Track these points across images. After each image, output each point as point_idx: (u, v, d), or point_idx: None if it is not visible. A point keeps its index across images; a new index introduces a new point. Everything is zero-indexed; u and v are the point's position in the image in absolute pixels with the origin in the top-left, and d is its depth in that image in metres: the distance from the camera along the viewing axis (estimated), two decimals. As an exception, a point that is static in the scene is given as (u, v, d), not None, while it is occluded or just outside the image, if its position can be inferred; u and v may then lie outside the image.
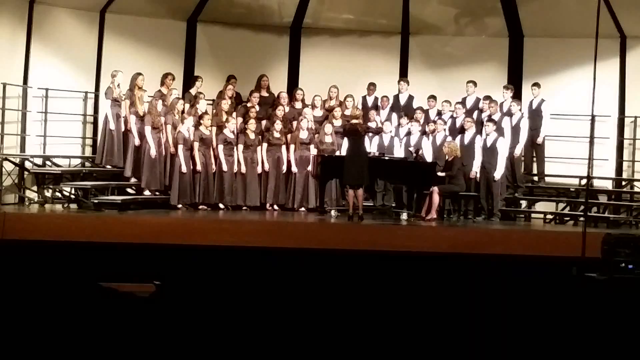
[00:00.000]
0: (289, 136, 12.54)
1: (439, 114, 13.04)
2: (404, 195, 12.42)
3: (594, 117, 11.35)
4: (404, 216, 11.72)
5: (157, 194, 11.87)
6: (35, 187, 11.85)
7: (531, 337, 4.26)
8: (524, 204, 13.05)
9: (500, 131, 12.40)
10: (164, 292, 4.78)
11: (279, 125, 12.42)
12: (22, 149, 12.05)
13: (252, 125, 12.33)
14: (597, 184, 13.23)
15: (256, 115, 12.51)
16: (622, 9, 12.81)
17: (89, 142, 12.86)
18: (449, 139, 12.34)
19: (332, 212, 11.87)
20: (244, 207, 12.17)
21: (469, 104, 13.07)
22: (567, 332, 4.37)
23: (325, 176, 11.96)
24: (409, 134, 12.67)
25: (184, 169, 11.71)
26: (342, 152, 12.05)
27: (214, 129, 12.19)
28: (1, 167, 11.42)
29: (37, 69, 12.19)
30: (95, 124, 12.83)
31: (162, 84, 12.34)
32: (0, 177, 11.37)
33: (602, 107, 12.68)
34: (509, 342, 4.21)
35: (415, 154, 12.34)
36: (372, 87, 13.34)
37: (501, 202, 12.38)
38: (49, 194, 11.72)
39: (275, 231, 10.65)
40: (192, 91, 12.72)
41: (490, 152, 12.16)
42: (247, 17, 13.90)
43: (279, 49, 14.08)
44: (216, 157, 12.13)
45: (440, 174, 11.90)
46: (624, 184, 13.31)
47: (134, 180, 11.90)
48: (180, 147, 11.75)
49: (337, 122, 12.63)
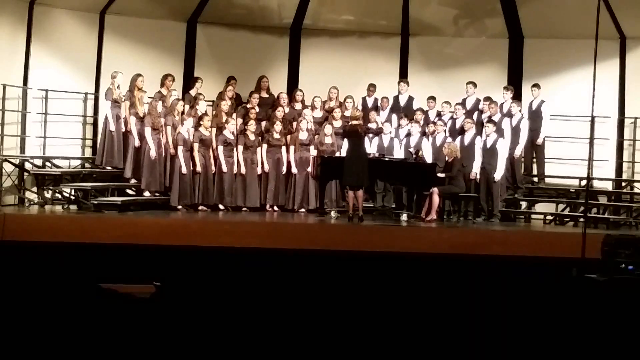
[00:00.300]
0: (289, 137, 12.54)
1: (439, 115, 13.04)
2: (404, 196, 12.42)
3: (593, 118, 11.34)
4: (404, 217, 11.72)
5: (157, 195, 11.87)
6: (35, 188, 11.85)
7: (531, 339, 4.26)
8: (524, 205, 13.06)
9: (500, 132, 12.40)
10: (164, 293, 4.78)
11: (278, 126, 12.42)
12: (22, 150, 12.05)
13: (252, 126, 12.33)
14: (597, 185, 13.23)
15: (256, 116, 12.51)
16: (622, 10, 12.82)
17: (89, 143, 12.87)
18: (449, 140, 12.34)
19: (332, 213, 11.87)
20: (244, 208, 12.17)
21: (469, 105, 13.07)
22: (567, 333, 4.36)
23: (325, 177, 11.96)
24: (408, 135, 12.67)
25: (184, 170, 11.71)
26: (342, 153, 12.05)
27: (214, 130, 12.20)
28: (1, 168, 11.43)
29: (37, 70, 12.19)
30: (95, 125, 12.83)
31: (162, 85, 12.35)
32: (0, 178, 11.37)
33: (602, 108, 12.68)
34: (509, 343, 4.20)
35: (415, 155, 12.34)
36: (372, 88, 13.35)
37: (501, 203, 12.38)
38: (49, 195, 11.72)
39: (275, 232, 10.66)
40: (192, 92, 12.73)
41: (490, 153, 12.16)
42: (247, 18, 13.91)
43: (279, 50, 14.09)
44: (216, 158, 12.13)
45: (440, 175, 11.91)
46: (623, 185, 13.31)
47: (133, 181, 11.91)
48: (180, 148, 11.76)
49: (337, 123, 12.63)
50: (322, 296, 4.73)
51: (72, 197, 11.57)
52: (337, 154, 12.29)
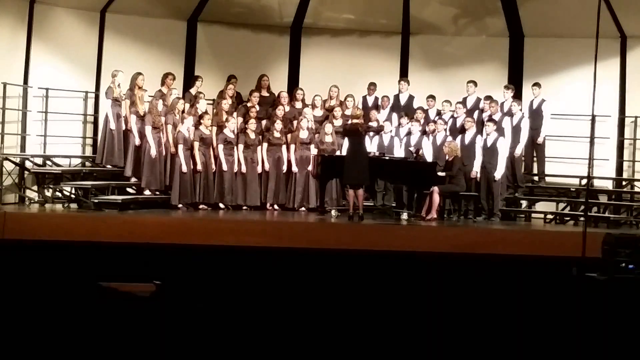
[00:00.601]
0: (289, 136, 12.54)
1: (439, 113, 13.04)
2: (404, 195, 12.41)
3: (594, 117, 11.36)
4: (404, 216, 11.72)
5: (158, 193, 11.87)
6: (35, 187, 11.85)
7: (532, 337, 4.26)
8: (524, 203, 13.05)
9: (500, 131, 12.39)
10: (164, 291, 4.78)
11: (279, 125, 12.42)
12: (23, 148, 12.05)
13: (253, 125, 12.33)
14: (597, 184, 13.23)
15: (256, 115, 12.51)
16: (622, 9, 12.81)
17: (89, 141, 12.86)
18: (449, 139, 12.34)
19: (333, 212, 11.86)
20: (244, 207, 12.17)
21: (470, 104, 13.06)
22: (568, 332, 4.37)
23: (325, 176, 11.95)
24: (409, 133, 12.67)
25: (184, 169, 11.71)
26: (343, 152, 12.05)
27: (214, 129, 12.20)
28: (1, 166, 11.42)
29: (38, 69, 12.19)
30: (95, 123, 12.83)
31: (163, 83, 12.34)
32: (0, 176, 11.37)
33: (603, 107, 12.69)
34: (509, 341, 4.21)
35: (415, 154, 12.33)
36: (372, 87, 13.34)
37: (501, 202, 12.37)
38: (49, 193, 11.72)
39: (275, 231, 10.66)
40: (193, 91, 12.73)
41: (490, 152, 12.16)
42: (248, 17, 13.90)
43: (280, 48, 14.08)
44: (216, 157, 12.13)
45: (440, 173, 11.90)
46: (624, 184, 13.30)
47: (134, 180, 11.90)
48: (180, 147, 11.76)
49: (338, 121, 12.63)
50: (323, 294, 4.73)
51: (73, 196, 11.56)
52: (338, 153, 12.29)
